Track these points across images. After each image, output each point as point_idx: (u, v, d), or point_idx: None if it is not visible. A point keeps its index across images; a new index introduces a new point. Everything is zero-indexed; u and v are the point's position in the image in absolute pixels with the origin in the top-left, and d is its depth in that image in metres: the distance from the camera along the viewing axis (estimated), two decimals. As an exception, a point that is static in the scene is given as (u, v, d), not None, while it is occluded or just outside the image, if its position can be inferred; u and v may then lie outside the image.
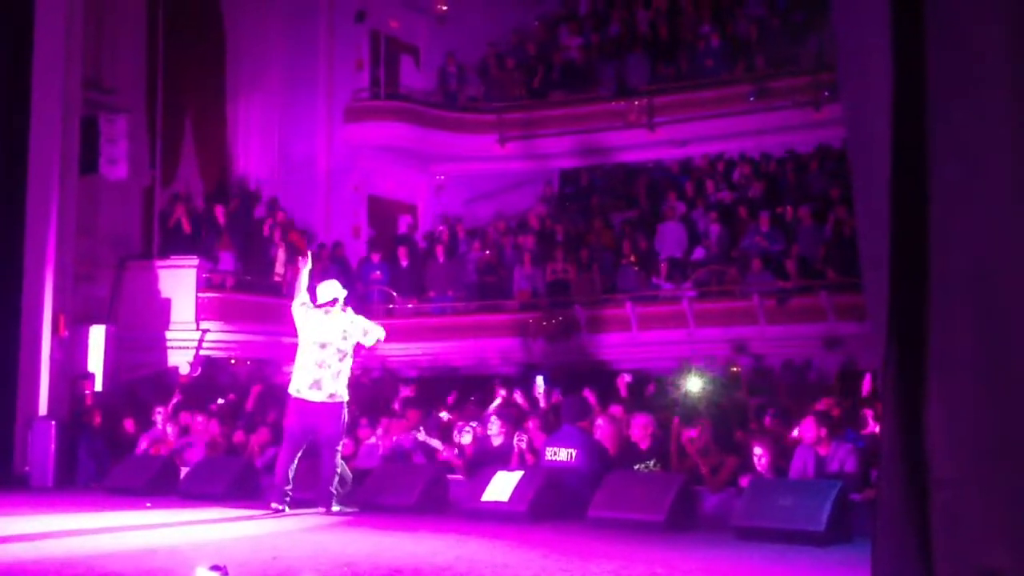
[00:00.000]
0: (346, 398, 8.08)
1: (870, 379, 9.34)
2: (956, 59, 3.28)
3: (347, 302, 8.31)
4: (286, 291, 15.02)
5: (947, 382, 3.34)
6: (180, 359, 13.89)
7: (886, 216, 3.45)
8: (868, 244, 3.61)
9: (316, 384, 7.94)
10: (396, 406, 10.95)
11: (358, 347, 8.37)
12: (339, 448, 8.05)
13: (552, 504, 7.60)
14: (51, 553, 6.03)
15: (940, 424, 3.33)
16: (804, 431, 7.41)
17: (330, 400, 7.95)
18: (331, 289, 8.21)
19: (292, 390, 8.06)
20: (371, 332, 8.19)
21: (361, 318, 8.31)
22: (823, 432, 7.32)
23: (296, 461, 7.95)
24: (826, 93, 15.50)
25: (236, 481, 9.12)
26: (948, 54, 3.31)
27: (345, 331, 8.07)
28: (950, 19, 3.29)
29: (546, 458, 8.23)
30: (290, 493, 7.90)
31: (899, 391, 3.44)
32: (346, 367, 8.08)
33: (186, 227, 14.58)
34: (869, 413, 8.51)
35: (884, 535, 3.46)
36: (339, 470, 8.11)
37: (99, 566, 5.59)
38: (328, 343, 8.00)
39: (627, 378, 11.09)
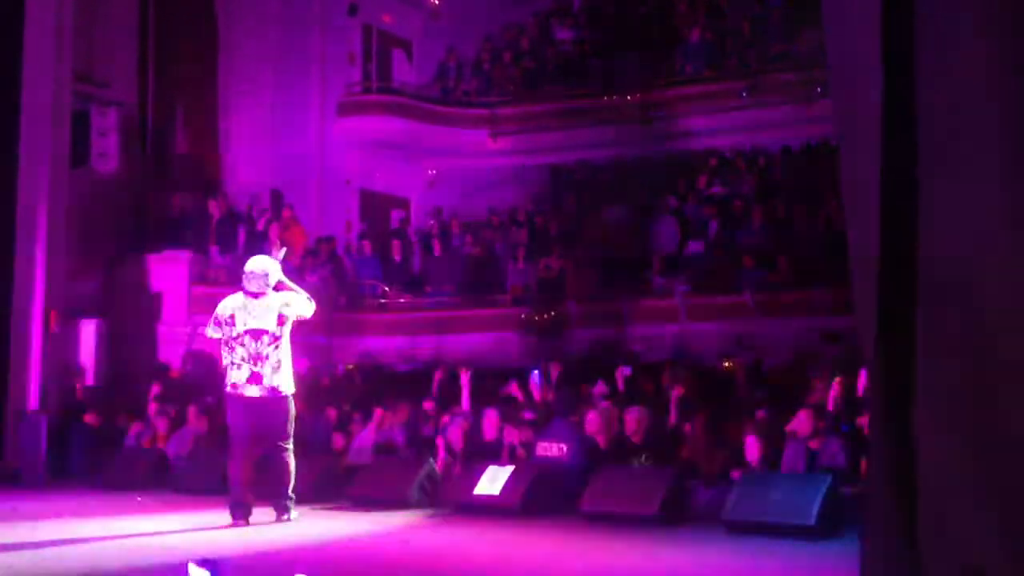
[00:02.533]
0: (291, 391, 7.25)
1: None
2: (946, 66, 3.31)
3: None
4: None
5: (935, 381, 3.36)
6: (172, 353, 13.86)
7: (875, 214, 3.47)
8: (857, 241, 3.63)
9: (255, 378, 7.10)
10: (387, 400, 10.93)
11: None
12: (289, 446, 7.22)
13: (544, 498, 7.61)
14: (42, 548, 6.03)
15: (927, 422, 3.35)
16: (799, 424, 7.42)
17: (272, 395, 7.12)
18: (273, 268, 7.28)
19: (228, 387, 7.23)
20: (299, 303, 7.24)
21: (289, 293, 7.34)
22: (820, 425, 7.33)
23: (249, 466, 7.18)
24: (818, 89, 15.50)
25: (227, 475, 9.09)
26: (938, 61, 3.34)
27: (281, 315, 7.17)
28: (940, 25, 3.32)
29: (537, 452, 8.25)
30: (250, 504, 7.13)
31: (887, 389, 3.46)
32: (285, 355, 7.19)
33: (177, 221, 14.55)
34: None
35: (872, 533, 3.48)
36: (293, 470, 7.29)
37: (90, 561, 5.59)
38: (263, 330, 7.12)
39: (625, 371, 11.08)
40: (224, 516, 7.20)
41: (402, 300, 15.86)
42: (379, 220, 18.92)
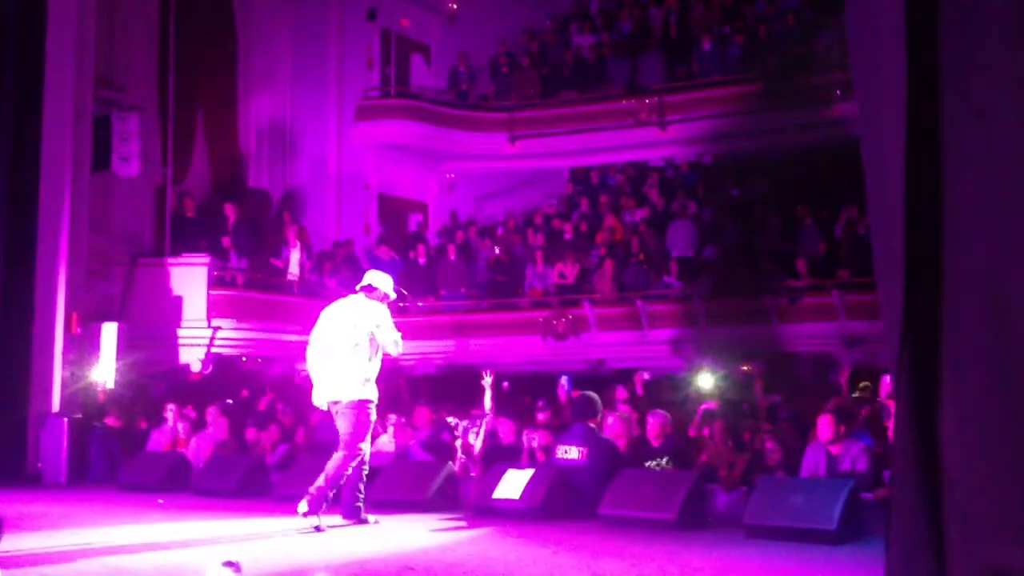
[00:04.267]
0: (359, 397, 7.12)
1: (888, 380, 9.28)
2: (971, 67, 3.30)
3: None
4: (298, 289, 15.08)
5: (961, 383, 3.34)
6: (191, 356, 13.93)
7: (900, 216, 3.45)
8: (882, 244, 3.62)
9: (327, 385, 7.21)
10: (406, 404, 10.96)
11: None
12: (357, 454, 7.06)
13: (563, 502, 7.60)
14: (64, 549, 6.06)
15: (953, 425, 3.33)
16: (820, 430, 7.37)
17: (338, 401, 7.15)
18: (377, 280, 7.39)
19: None
20: (385, 330, 7.23)
21: (381, 312, 7.31)
22: (842, 429, 7.28)
23: (354, 471, 7.14)
24: (838, 92, 15.44)
25: (247, 478, 9.15)
26: (963, 62, 3.33)
27: (356, 322, 7.18)
28: (963, 26, 3.31)
29: (556, 456, 8.23)
30: (361, 499, 7.21)
31: (912, 392, 3.44)
32: (359, 361, 7.11)
33: (196, 224, 14.64)
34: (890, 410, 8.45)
35: (897, 536, 3.46)
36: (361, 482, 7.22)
37: (112, 562, 5.62)
38: (337, 337, 7.18)
39: (645, 376, 11.07)
40: (244, 519, 7.20)
41: (420, 304, 15.90)
42: (397, 223, 18.99)
